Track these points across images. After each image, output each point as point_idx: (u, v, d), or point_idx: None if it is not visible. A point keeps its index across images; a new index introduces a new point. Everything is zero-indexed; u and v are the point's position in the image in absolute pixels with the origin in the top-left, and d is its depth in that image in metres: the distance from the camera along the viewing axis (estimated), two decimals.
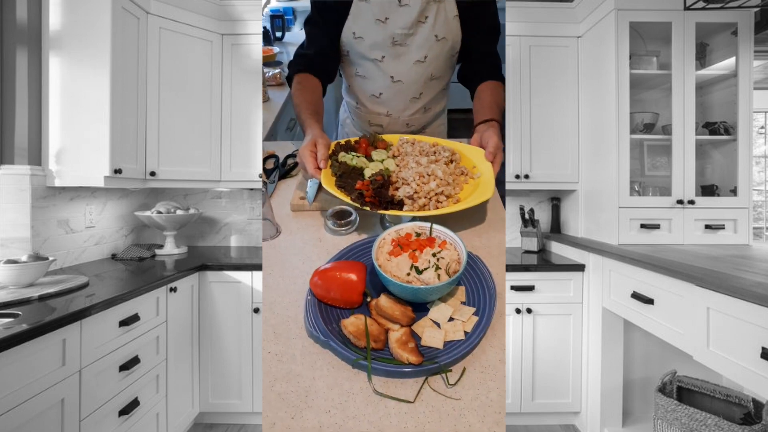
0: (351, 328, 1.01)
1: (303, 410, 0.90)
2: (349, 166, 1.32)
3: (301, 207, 1.43)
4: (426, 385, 0.94)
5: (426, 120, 1.95)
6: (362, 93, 1.84)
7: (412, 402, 0.90)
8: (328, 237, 1.33)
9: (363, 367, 0.96)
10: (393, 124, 1.92)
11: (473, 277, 1.15)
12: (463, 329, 1.02)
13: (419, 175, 1.30)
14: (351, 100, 1.94)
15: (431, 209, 1.26)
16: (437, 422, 0.87)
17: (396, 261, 1.07)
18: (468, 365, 0.98)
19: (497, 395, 0.92)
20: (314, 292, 1.09)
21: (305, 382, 0.95)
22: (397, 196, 1.27)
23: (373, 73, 1.75)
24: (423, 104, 1.84)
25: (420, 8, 1.60)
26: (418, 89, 1.78)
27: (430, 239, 1.12)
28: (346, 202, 1.28)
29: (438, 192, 1.28)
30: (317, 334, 1.01)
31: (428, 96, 1.83)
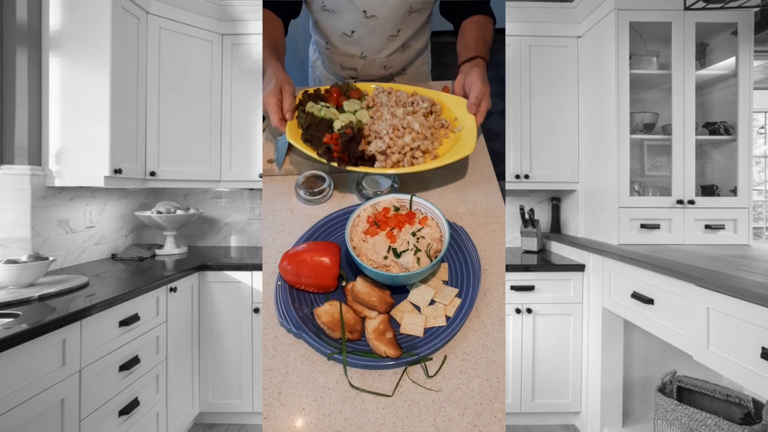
0: (325, 317, 0.94)
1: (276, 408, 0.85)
2: (317, 117, 1.20)
3: (270, 172, 1.27)
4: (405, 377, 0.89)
5: (406, 59, 1.70)
6: (331, 31, 1.58)
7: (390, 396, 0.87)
8: (300, 207, 1.19)
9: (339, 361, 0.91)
10: (368, 66, 1.67)
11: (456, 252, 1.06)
12: (445, 313, 0.96)
13: (393, 128, 1.18)
14: (320, 39, 1.68)
15: (405, 166, 1.15)
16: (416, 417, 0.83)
17: (372, 241, 0.99)
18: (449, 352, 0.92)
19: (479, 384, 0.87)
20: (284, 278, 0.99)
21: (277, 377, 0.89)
22: (368, 151, 1.16)
23: (343, 6, 1.49)
24: (402, 42, 1.59)
25: None
26: (395, 25, 1.53)
27: (409, 214, 1.03)
28: (314, 158, 1.16)
29: (414, 147, 1.16)
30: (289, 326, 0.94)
31: (407, 32, 1.57)
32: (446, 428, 0.81)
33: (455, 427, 0.82)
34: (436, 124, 1.25)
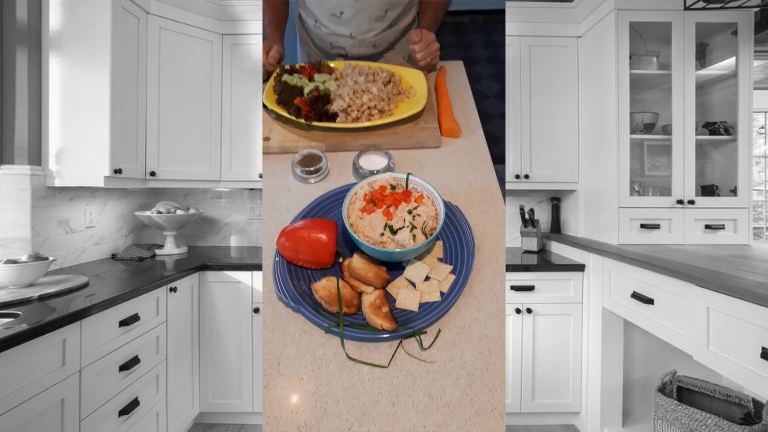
0: (323, 292, 0.96)
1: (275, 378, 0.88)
2: (289, 84, 1.39)
3: (266, 149, 1.35)
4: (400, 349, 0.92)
5: (394, 36, 1.76)
6: (320, 10, 1.63)
7: (386, 367, 0.89)
8: (296, 185, 1.24)
9: (336, 334, 0.93)
10: (358, 46, 1.73)
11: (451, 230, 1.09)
12: (440, 289, 0.98)
13: (353, 91, 1.37)
14: (308, 18, 1.73)
15: (363, 122, 1.33)
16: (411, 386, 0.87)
17: (369, 219, 1.01)
18: (443, 326, 0.95)
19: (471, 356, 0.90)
20: (282, 254, 1.01)
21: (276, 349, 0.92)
22: (331, 109, 1.34)
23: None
24: (389, 21, 1.65)
25: None
26: (383, 6, 1.59)
27: (405, 192, 1.06)
28: (285, 117, 1.34)
29: (371, 106, 1.35)
30: (287, 300, 0.96)
31: (395, 12, 1.64)
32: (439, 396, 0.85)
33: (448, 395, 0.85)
34: (394, 90, 1.43)
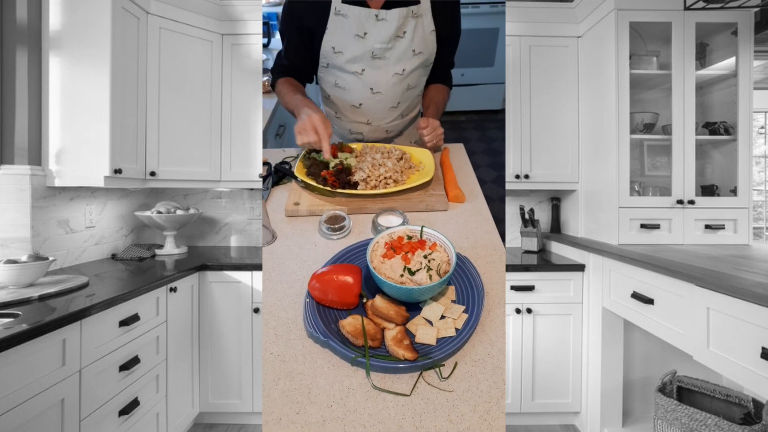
0: (349, 327, 1.05)
1: (306, 405, 0.95)
2: (317, 160, 1.61)
3: (295, 212, 1.52)
4: (421, 379, 1.00)
5: (403, 125, 2.03)
6: (342, 103, 1.89)
7: (408, 395, 0.97)
8: (322, 241, 1.40)
9: (361, 365, 1.01)
10: (373, 131, 1.98)
11: (462, 277, 1.21)
12: (454, 326, 1.08)
13: (372, 164, 1.59)
14: (330, 110, 1.98)
15: (380, 189, 1.54)
16: (432, 413, 0.94)
17: (390, 263, 1.13)
18: (459, 360, 1.04)
19: (487, 386, 0.98)
20: (312, 295, 1.13)
21: (307, 380, 1.00)
22: (353, 179, 1.55)
23: (354, 84, 1.80)
24: (401, 112, 1.92)
25: (398, 23, 1.63)
26: (396, 99, 1.85)
27: (421, 242, 1.18)
28: (314, 185, 1.55)
29: (387, 176, 1.57)
30: (317, 335, 1.05)
31: (405, 104, 1.91)
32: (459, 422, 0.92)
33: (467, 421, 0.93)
34: (406, 165, 1.66)
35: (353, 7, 1.62)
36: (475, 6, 3.73)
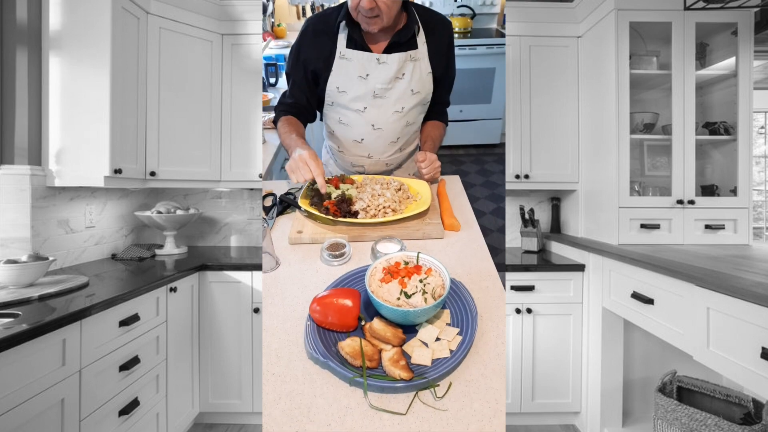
0: (348, 349, 1.10)
1: (306, 424, 0.98)
2: (320, 192, 1.70)
3: (299, 240, 1.60)
4: (416, 399, 1.04)
5: (402, 158, 2.15)
6: (345, 138, 2.01)
7: (404, 414, 1.00)
8: (324, 267, 1.47)
9: (359, 384, 1.05)
10: (374, 164, 2.10)
11: (456, 301, 1.27)
12: (449, 348, 1.13)
13: (371, 195, 1.71)
14: (333, 144, 2.11)
15: (380, 218, 1.63)
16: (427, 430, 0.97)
17: (387, 287, 1.19)
18: (453, 380, 1.08)
19: (480, 405, 1.02)
20: (313, 318, 1.18)
21: (306, 399, 1.03)
22: (353, 209, 1.64)
23: (356, 121, 1.93)
24: (399, 146, 2.05)
25: (397, 66, 1.79)
26: (395, 134, 1.98)
27: (417, 267, 1.24)
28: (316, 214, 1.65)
29: (386, 206, 1.67)
30: (317, 356, 1.09)
31: (404, 139, 2.04)
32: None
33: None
34: (404, 195, 1.76)
35: (357, 51, 1.77)
36: (472, 48, 3.94)
